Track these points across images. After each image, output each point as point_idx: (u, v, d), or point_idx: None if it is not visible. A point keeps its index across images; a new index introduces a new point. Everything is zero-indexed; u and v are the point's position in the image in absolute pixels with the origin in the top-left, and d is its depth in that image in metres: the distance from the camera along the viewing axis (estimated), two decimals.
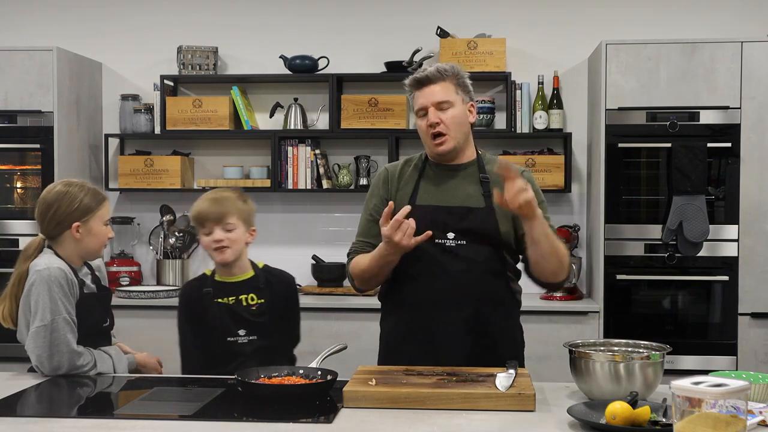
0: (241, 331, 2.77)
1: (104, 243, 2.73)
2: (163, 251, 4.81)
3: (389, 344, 2.72)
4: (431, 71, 2.62)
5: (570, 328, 4.18)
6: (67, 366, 2.53)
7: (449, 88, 2.61)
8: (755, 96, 4.17)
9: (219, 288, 2.82)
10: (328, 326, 4.18)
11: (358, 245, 2.74)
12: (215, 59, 4.83)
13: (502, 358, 2.50)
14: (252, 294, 2.81)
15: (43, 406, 2.36)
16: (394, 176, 2.73)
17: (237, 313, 2.78)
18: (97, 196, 2.71)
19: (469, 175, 2.68)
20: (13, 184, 4.68)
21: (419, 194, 2.66)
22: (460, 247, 2.59)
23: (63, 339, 2.53)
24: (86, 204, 2.66)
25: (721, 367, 4.08)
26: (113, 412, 2.27)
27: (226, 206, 2.78)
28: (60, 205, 2.65)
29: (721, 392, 1.66)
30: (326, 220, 4.90)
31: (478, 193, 2.64)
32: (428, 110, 2.61)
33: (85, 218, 2.66)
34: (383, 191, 2.73)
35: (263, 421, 2.06)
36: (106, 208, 2.72)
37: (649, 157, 4.28)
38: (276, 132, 4.75)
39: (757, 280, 4.17)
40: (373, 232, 2.69)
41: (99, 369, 2.60)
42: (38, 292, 2.54)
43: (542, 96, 4.67)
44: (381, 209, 2.66)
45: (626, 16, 4.73)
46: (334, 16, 4.92)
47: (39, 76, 4.48)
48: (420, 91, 2.63)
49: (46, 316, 2.53)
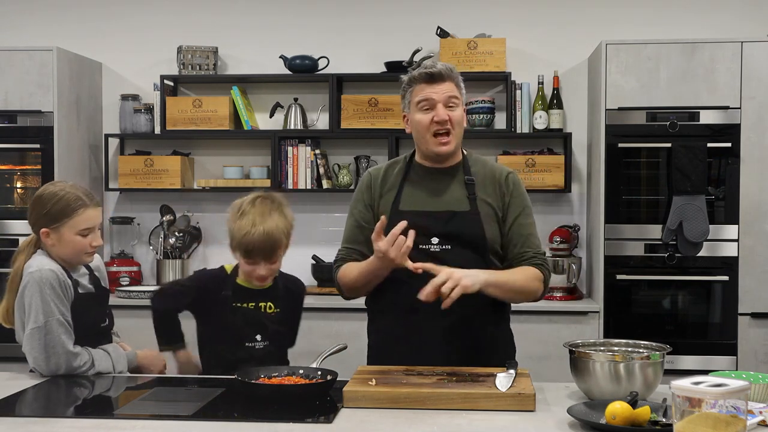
0: (258, 336, 2.76)
1: (81, 251, 2.60)
2: (163, 251, 4.81)
3: (376, 349, 2.71)
4: (442, 68, 2.58)
5: (570, 328, 4.18)
6: (65, 367, 2.53)
7: (455, 88, 2.60)
8: (755, 96, 4.17)
9: (239, 292, 2.78)
10: (328, 326, 4.18)
11: (344, 252, 2.70)
12: (215, 59, 4.83)
13: (488, 363, 2.49)
14: (270, 302, 2.79)
15: (42, 406, 2.36)
16: (377, 180, 2.70)
17: (257, 319, 2.77)
18: (75, 202, 2.57)
19: (454, 177, 2.65)
20: (13, 184, 4.68)
21: (402, 199, 2.63)
22: (445, 252, 2.56)
23: (58, 340, 2.51)
24: (56, 211, 2.55)
25: (721, 367, 4.08)
26: (113, 412, 2.26)
27: (277, 240, 2.68)
28: (37, 205, 2.60)
29: (721, 392, 1.66)
30: (326, 220, 4.90)
31: (463, 196, 2.61)
32: (437, 106, 2.56)
33: (54, 225, 2.56)
34: (367, 196, 2.70)
35: (263, 421, 2.06)
36: (83, 216, 2.57)
37: (649, 157, 4.28)
38: (276, 132, 4.75)
39: (757, 280, 4.17)
40: (359, 239, 2.67)
41: (97, 368, 2.59)
42: (31, 294, 2.53)
43: (542, 96, 4.67)
44: (366, 215, 2.67)
45: (626, 16, 4.73)
46: (334, 16, 4.92)
47: (39, 76, 4.48)
48: (430, 86, 2.57)
49: (39, 318, 2.51)
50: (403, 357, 2.53)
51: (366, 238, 2.62)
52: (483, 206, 2.60)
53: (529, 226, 2.64)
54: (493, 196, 2.63)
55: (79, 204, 2.58)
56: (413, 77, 2.61)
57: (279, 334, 2.79)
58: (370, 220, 2.66)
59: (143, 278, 4.94)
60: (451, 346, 2.56)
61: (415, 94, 2.60)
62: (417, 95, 2.59)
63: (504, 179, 2.66)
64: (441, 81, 2.57)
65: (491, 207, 2.61)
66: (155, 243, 4.88)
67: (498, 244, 2.62)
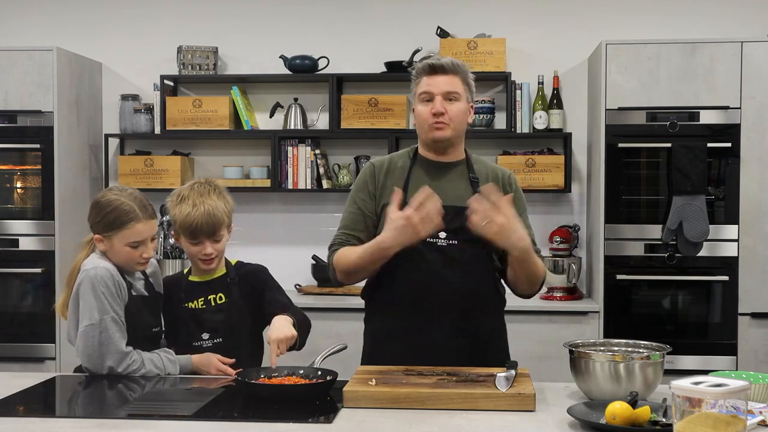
0: (204, 335, 2.75)
1: (132, 262, 2.62)
2: (163, 251, 4.81)
3: (374, 344, 2.70)
4: (447, 61, 2.62)
5: (570, 328, 4.18)
6: (116, 366, 2.52)
7: (459, 82, 2.62)
8: (755, 96, 4.17)
9: (191, 289, 2.80)
10: (328, 326, 4.18)
11: (342, 237, 2.68)
12: (215, 59, 4.83)
13: (490, 358, 2.51)
14: (221, 293, 2.79)
15: (42, 405, 2.36)
16: (381, 171, 2.70)
17: (201, 318, 2.76)
18: (128, 215, 2.59)
19: (459, 173, 2.68)
20: (13, 184, 4.68)
21: (409, 193, 2.62)
22: (452, 247, 2.58)
23: (112, 338, 2.52)
24: (109, 221, 2.59)
25: (721, 367, 4.08)
26: (113, 412, 2.26)
27: (218, 218, 2.72)
28: (92, 212, 2.64)
29: (721, 392, 1.66)
30: (326, 220, 4.90)
31: (468, 193, 2.62)
32: (435, 98, 2.59)
33: (106, 233, 2.59)
34: (371, 186, 2.69)
35: (263, 421, 2.05)
36: (134, 230, 2.58)
37: (649, 157, 4.28)
38: (276, 132, 4.75)
39: (757, 280, 4.17)
40: (359, 227, 2.67)
41: (148, 369, 2.56)
42: (85, 291, 2.54)
43: (542, 96, 4.67)
44: (369, 204, 2.66)
45: (626, 16, 4.73)
46: (334, 16, 4.92)
47: (39, 76, 4.48)
48: (431, 78, 2.61)
49: (94, 315, 2.52)
50: (407, 351, 2.54)
51: (366, 226, 2.65)
52: None
53: (529, 228, 2.67)
54: None
55: (130, 217, 2.59)
56: (418, 69, 2.67)
57: (231, 325, 2.76)
58: (372, 210, 2.66)
59: None
60: (452, 340, 2.56)
61: (420, 85, 2.64)
62: (421, 87, 2.64)
63: (507, 179, 2.71)
64: (443, 74, 2.61)
65: None
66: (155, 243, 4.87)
67: None
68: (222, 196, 2.79)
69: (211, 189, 2.79)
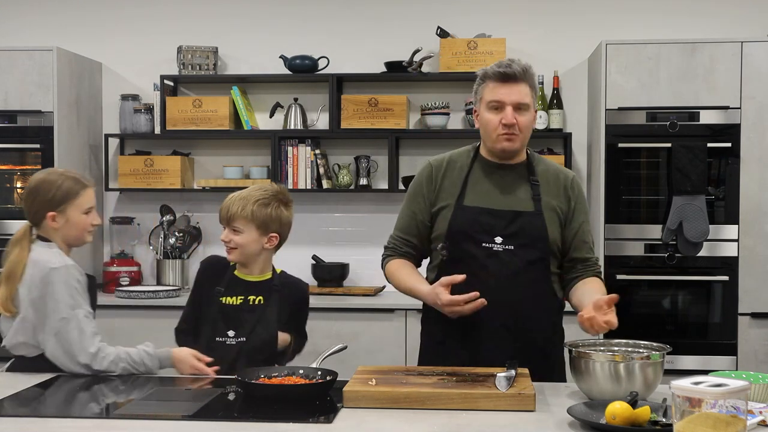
0: (230, 332, 2.76)
1: (86, 230, 2.71)
2: (163, 251, 4.81)
3: (430, 343, 2.70)
4: (517, 69, 2.54)
5: (570, 328, 4.16)
6: (91, 361, 2.53)
7: (528, 90, 2.56)
8: (755, 96, 4.17)
9: (233, 285, 2.81)
10: (328, 326, 4.18)
11: (397, 242, 2.71)
12: (215, 59, 4.83)
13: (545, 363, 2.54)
14: (261, 296, 2.80)
15: (42, 405, 2.36)
16: (439, 172, 2.67)
17: (233, 315, 2.76)
18: (76, 184, 2.68)
19: (518, 175, 2.64)
20: (13, 184, 4.68)
21: (467, 195, 2.61)
22: (507, 252, 2.55)
23: (85, 333, 2.54)
24: (63, 193, 2.65)
25: (721, 367, 4.08)
26: (113, 412, 2.26)
27: (236, 209, 2.75)
28: (38, 193, 2.67)
29: (721, 392, 1.66)
30: (326, 220, 4.90)
31: (528, 196, 2.60)
32: (506, 108, 2.53)
33: (60, 207, 2.65)
34: (427, 189, 2.67)
35: (263, 421, 2.06)
36: (86, 196, 2.69)
37: (649, 157, 4.28)
38: (276, 132, 4.75)
39: (757, 280, 4.17)
40: (413, 231, 2.68)
41: (122, 367, 2.57)
42: (56, 287, 2.55)
43: (542, 96, 4.67)
44: (424, 209, 2.66)
45: (626, 16, 4.73)
46: (334, 16, 4.92)
47: (39, 76, 4.48)
48: (502, 86, 2.53)
49: (66, 312, 2.54)
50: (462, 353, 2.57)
51: (419, 231, 2.66)
52: (547, 208, 2.60)
53: (591, 233, 2.68)
54: (557, 199, 2.62)
55: (81, 185, 2.70)
56: (487, 73, 2.58)
57: (259, 327, 2.76)
58: (426, 215, 2.66)
59: (143, 278, 4.94)
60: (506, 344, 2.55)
61: (487, 92, 2.57)
62: (488, 94, 2.57)
63: (570, 183, 2.66)
64: (514, 82, 2.54)
65: (555, 209, 2.61)
66: (155, 243, 4.88)
67: (558, 246, 2.62)
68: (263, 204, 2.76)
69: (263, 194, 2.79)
